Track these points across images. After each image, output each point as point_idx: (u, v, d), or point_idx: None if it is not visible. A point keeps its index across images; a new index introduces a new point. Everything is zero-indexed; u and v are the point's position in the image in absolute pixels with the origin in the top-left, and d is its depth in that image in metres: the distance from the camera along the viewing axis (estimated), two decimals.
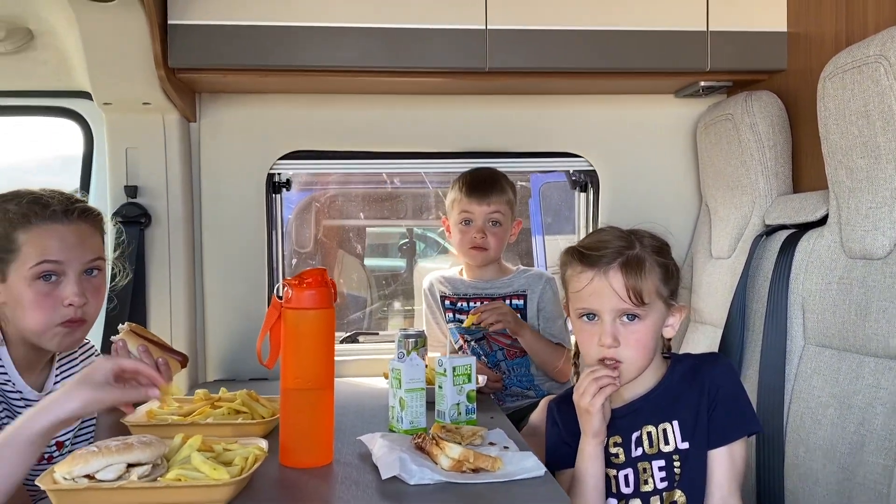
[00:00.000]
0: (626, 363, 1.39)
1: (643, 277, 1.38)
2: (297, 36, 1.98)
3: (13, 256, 1.47)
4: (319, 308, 1.34)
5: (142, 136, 2.18)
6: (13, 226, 1.47)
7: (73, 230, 1.51)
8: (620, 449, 1.44)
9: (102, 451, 1.13)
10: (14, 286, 1.47)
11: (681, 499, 1.39)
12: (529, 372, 2.24)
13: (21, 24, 2.00)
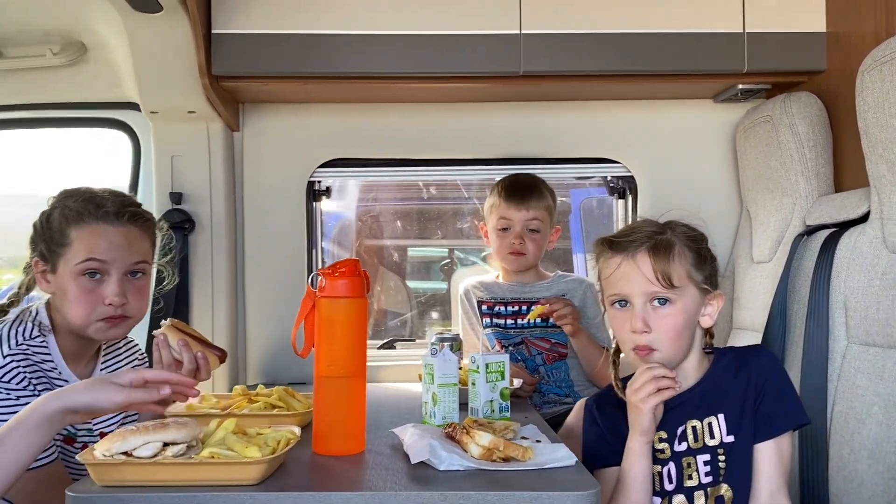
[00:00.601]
0: (660, 350, 1.37)
1: (671, 260, 1.37)
2: (336, 43, 2.03)
3: (64, 250, 1.54)
4: (352, 297, 1.36)
5: (187, 144, 2.25)
6: (68, 222, 1.55)
7: (121, 232, 1.57)
8: (666, 444, 1.42)
9: (140, 429, 1.16)
10: (62, 278, 1.54)
11: (727, 493, 1.37)
12: (569, 377, 2.22)
13: (75, 38, 2.10)
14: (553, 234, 2.30)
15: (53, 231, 1.56)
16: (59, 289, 1.55)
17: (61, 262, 1.55)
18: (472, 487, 1.16)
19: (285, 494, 1.12)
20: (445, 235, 3.87)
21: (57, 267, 1.55)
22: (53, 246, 1.55)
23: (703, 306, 1.42)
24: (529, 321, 2.20)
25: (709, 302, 1.43)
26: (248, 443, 1.18)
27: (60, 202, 1.59)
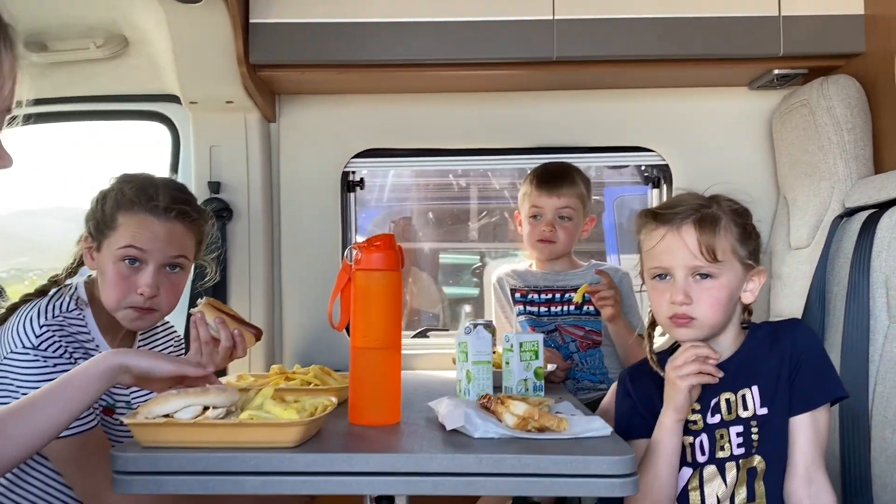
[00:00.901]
0: (699, 320, 1.37)
1: (717, 234, 1.37)
2: (370, 31, 2.06)
3: (110, 233, 1.59)
4: (388, 270, 1.38)
5: (225, 134, 2.30)
6: (119, 206, 1.59)
7: (166, 227, 1.60)
8: (699, 416, 1.41)
9: (181, 393, 1.19)
10: (103, 258, 1.59)
11: (760, 465, 1.36)
12: (602, 364, 2.21)
13: (117, 32, 2.16)
14: (587, 222, 2.29)
15: (105, 213, 1.60)
16: (100, 268, 1.60)
17: (105, 243, 1.59)
18: (507, 453, 1.16)
19: (322, 455, 1.13)
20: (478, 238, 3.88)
21: (101, 247, 1.59)
22: (102, 226, 1.60)
23: (746, 282, 1.41)
24: (574, 305, 2.19)
25: (751, 278, 1.42)
26: (286, 407, 1.20)
27: (119, 185, 1.63)
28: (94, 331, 1.60)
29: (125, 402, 1.65)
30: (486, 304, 2.68)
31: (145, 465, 1.12)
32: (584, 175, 2.27)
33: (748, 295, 1.42)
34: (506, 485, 1.14)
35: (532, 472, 1.12)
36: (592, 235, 4.09)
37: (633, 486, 1.13)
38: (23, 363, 1.42)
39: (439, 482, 1.13)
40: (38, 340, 1.45)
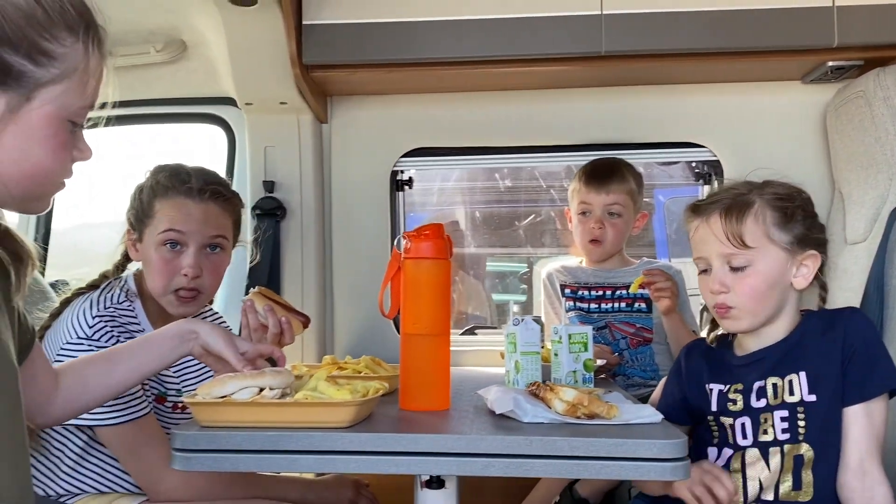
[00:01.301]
0: (737, 309, 1.38)
1: (743, 220, 1.38)
2: (420, 30, 2.09)
3: (150, 221, 1.66)
4: (436, 258, 1.40)
5: (279, 135, 2.36)
6: (155, 194, 1.67)
7: (201, 208, 1.67)
8: (740, 396, 1.40)
9: (237, 376, 1.23)
10: (146, 248, 1.66)
11: (808, 453, 1.34)
12: (653, 361, 2.19)
13: (176, 36, 2.24)
14: (638, 219, 2.28)
15: (143, 203, 1.68)
16: (144, 258, 1.67)
17: (147, 232, 1.66)
18: (557, 436, 1.17)
19: (374, 435, 1.16)
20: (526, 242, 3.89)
21: (143, 237, 1.66)
22: (142, 216, 1.67)
23: (794, 266, 1.40)
24: (626, 302, 2.18)
25: (802, 262, 1.40)
26: (339, 388, 1.23)
27: (153, 176, 1.72)
28: (144, 321, 1.66)
29: (176, 390, 1.71)
30: (535, 307, 2.69)
31: (203, 442, 1.16)
32: (634, 170, 2.26)
33: (800, 280, 1.41)
34: (556, 467, 1.14)
35: (582, 454, 1.13)
36: (643, 239, 4.06)
37: (683, 470, 1.12)
38: (77, 353, 1.48)
39: (489, 463, 1.14)
40: (92, 331, 1.52)
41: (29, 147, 0.96)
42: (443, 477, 1.26)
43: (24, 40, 0.92)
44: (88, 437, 1.57)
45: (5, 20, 0.91)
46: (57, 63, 0.95)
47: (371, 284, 2.38)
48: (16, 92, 0.93)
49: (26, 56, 0.93)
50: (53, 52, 0.95)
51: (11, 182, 0.97)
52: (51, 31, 0.94)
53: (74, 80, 0.98)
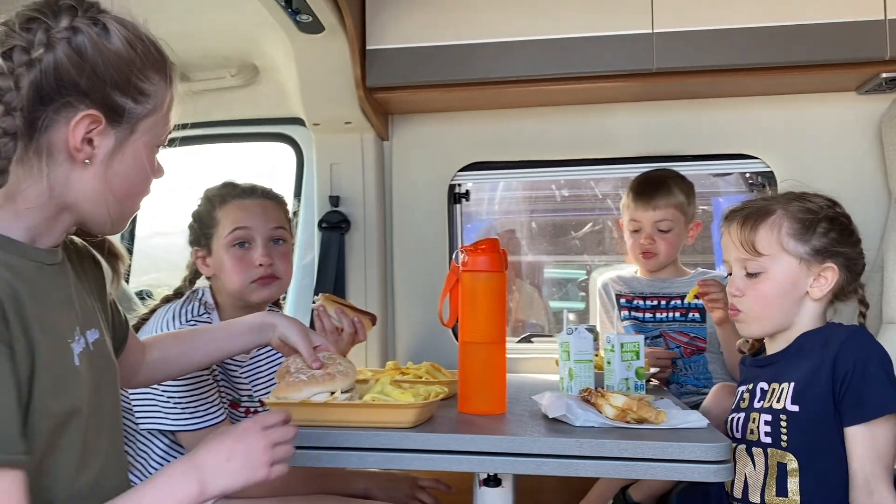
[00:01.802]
0: (745, 313, 1.48)
1: (757, 229, 1.46)
2: (477, 52, 2.20)
3: (214, 230, 1.81)
4: (492, 271, 1.49)
5: (343, 153, 2.50)
6: (213, 205, 1.83)
7: (257, 203, 1.84)
8: (748, 395, 1.50)
9: (310, 381, 1.34)
10: (217, 256, 1.80)
11: (791, 464, 1.39)
12: (707, 370, 2.23)
13: (249, 62, 2.40)
14: (692, 228, 2.31)
15: (203, 218, 1.83)
16: (217, 266, 1.80)
17: (214, 241, 1.81)
18: (607, 439, 1.25)
19: (436, 435, 1.26)
20: (583, 250, 3.93)
21: (212, 248, 1.81)
22: (206, 230, 1.82)
23: (811, 277, 1.46)
24: (680, 312, 2.23)
25: (820, 274, 1.45)
26: (403, 391, 1.34)
27: (205, 195, 1.88)
28: None
29: (248, 396, 1.85)
30: (592, 315, 2.75)
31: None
32: (684, 182, 2.28)
33: (815, 291, 1.46)
34: (604, 467, 1.22)
35: (630, 455, 1.21)
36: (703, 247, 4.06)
37: (726, 472, 1.19)
38: None
39: (542, 463, 1.23)
40: None
41: (133, 172, 1.10)
42: (500, 476, 1.35)
43: (128, 83, 1.05)
44: (170, 441, 1.72)
45: (112, 67, 1.04)
46: (150, 99, 1.09)
47: (430, 293, 2.49)
48: (123, 127, 1.07)
49: (129, 96, 1.06)
50: (147, 90, 1.08)
51: (114, 204, 1.10)
52: (144, 73, 1.07)
53: (162, 112, 1.12)
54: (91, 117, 1.02)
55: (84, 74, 1.01)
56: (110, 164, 1.06)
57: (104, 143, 1.05)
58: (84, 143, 1.03)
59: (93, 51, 1.02)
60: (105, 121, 1.04)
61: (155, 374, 1.43)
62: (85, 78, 1.01)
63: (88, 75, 1.01)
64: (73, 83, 1.01)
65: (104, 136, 1.04)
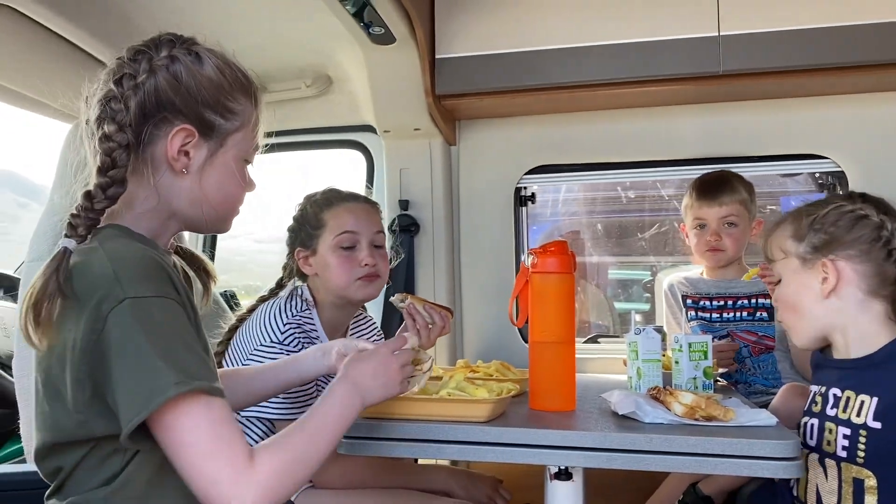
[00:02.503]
0: (783, 322, 1.53)
1: (769, 237, 1.52)
2: (543, 58, 2.25)
3: (321, 232, 1.90)
4: (561, 272, 1.55)
5: (413, 158, 2.58)
6: (321, 208, 1.92)
7: (361, 207, 1.94)
8: (821, 399, 1.48)
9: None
10: (322, 256, 1.89)
11: (869, 480, 1.36)
12: (776, 369, 2.23)
13: (323, 72, 2.50)
14: (754, 226, 2.32)
15: (309, 220, 1.92)
16: (321, 265, 1.89)
17: (320, 242, 1.90)
18: (676, 435, 1.28)
19: (510, 429, 1.32)
20: (649, 251, 3.92)
21: (317, 249, 1.90)
22: (311, 231, 1.91)
23: (819, 275, 1.46)
24: (747, 311, 2.25)
25: (823, 270, 1.45)
26: (478, 387, 1.40)
27: (308, 200, 1.98)
28: (320, 328, 1.90)
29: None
30: (658, 316, 2.76)
31: (365, 431, 1.36)
32: (744, 181, 2.30)
33: (825, 287, 1.45)
34: (674, 462, 1.26)
35: (699, 451, 1.24)
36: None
37: (795, 469, 1.21)
38: (269, 355, 1.73)
39: (612, 457, 1.28)
40: (283, 336, 1.77)
41: (225, 181, 1.22)
42: (570, 469, 1.40)
43: (218, 103, 1.19)
44: (267, 428, 1.82)
45: (204, 89, 1.18)
46: (238, 117, 1.21)
47: (497, 294, 2.55)
48: (214, 140, 1.19)
49: (219, 114, 1.19)
50: (235, 109, 1.21)
51: (209, 209, 1.22)
52: (232, 94, 1.20)
53: (248, 128, 1.24)
54: (186, 131, 1.16)
55: (179, 94, 1.15)
56: (204, 173, 1.20)
57: (198, 155, 1.18)
58: (181, 154, 1.17)
59: (187, 75, 1.17)
60: (198, 134, 1.17)
61: None
62: (180, 98, 1.16)
63: (183, 95, 1.16)
64: (170, 102, 1.15)
65: (198, 148, 1.18)
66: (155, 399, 0.97)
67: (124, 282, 1.01)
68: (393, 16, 2.00)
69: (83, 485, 1.07)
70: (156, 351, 0.99)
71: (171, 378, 0.98)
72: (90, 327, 1.00)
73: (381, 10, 1.94)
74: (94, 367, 1.00)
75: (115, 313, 0.99)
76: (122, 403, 0.98)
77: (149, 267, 1.05)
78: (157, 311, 1.02)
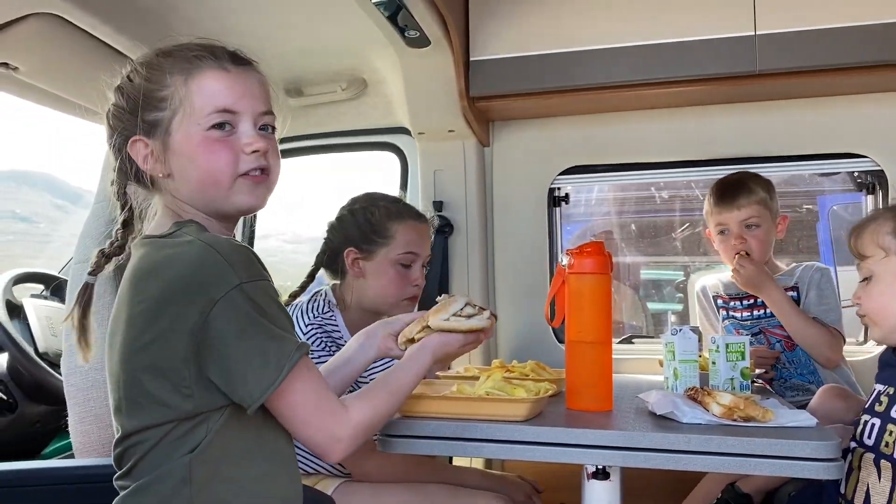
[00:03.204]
0: (867, 317, 1.53)
1: (861, 234, 1.54)
2: (576, 59, 2.26)
3: (387, 241, 1.92)
4: (598, 273, 1.55)
5: (446, 160, 2.61)
6: (391, 218, 1.93)
7: (424, 229, 1.97)
8: (887, 399, 1.45)
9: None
10: (379, 265, 1.91)
11: None
12: (810, 363, 2.21)
13: (358, 76, 2.54)
14: (779, 223, 2.29)
15: (375, 225, 1.93)
16: (374, 273, 1.91)
17: (381, 251, 1.91)
18: (714, 435, 1.28)
19: (547, 428, 1.33)
20: (681, 251, 3.90)
21: (375, 255, 1.91)
22: (374, 237, 1.92)
23: None
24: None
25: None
26: (516, 387, 1.42)
27: (374, 203, 1.97)
28: (344, 330, 1.92)
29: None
30: (690, 317, 2.75)
31: (404, 429, 1.38)
32: (762, 179, 2.27)
33: None
34: (712, 462, 1.26)
35: (738, 451, 1.24)
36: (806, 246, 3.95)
37: (836, 470, 1.21)
38: None
39: (650, 457, 1.28)
40: (305, 337, 1.80)
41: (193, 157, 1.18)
42: (608, 469, 1.41)
43: (152, 100, 1.19)
44: None
45: (140, 94, 1.19)
46: (169, 101, 1.18)
47: (531, 294, 2.57)
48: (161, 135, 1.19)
49: (155, 109, 1.19)
50: (164, 95, 1.19)
51: (199, 192, 1.20)
52: (158, 83, 1.19)
53: (187, 102, 1.18)
54: (140, 142, 1.20)
55: (128, 110, 1.21)
56: (172, 163, 1.19)
57: (158, 153, 1.20)
58: (147, 160, 1.20)
59: (130, 86, 1.21)
60: (147, 137, 1.20)
61: None
62: (128, 114, 1.21)
63: (131, 109, 1.20)
64: (126, 120, 1.21)
65: (156, 149, 1.20)
66: (285, 364, 1.09)
67: (237, 268, 1.08)
68: (427, 19, 2.03)
69: (162, 461, 1.11)
70: (274, 323, 1.10)
71: (292, 345, 1.10)
72: (199, 310, 1.06)
73: (416, 14, 1.97)
74: (202, 346, 1.07)
75: (232, 296, 1.06)
76: (250, 375, 1.07)
77: (248, 254, 1.13)
78: (264, 292, 1.11)
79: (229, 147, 1.19)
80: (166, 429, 1.11)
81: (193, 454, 1.10)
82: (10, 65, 1.88)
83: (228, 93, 1.19)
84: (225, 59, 1.21)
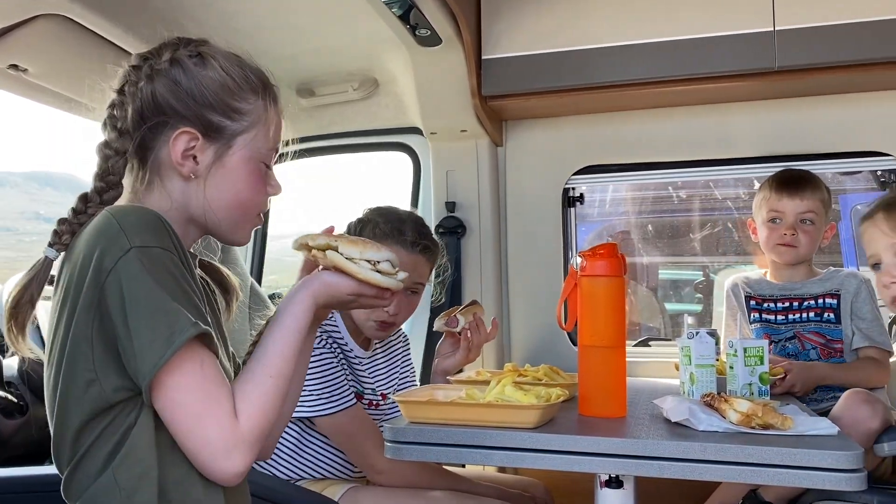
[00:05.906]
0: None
1: None
2: (590, 57, 2.22)
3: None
4: (611, 276, 1.51)
5: (459, 160, 2.57)
6: (375, 238, 1.86)
7: (412, 259, 1.87)
8: None
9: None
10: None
11: None
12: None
13: (370, 76, 2.51)
14: (828, 230, 2.24)
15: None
16: None
17: None
18: (732, 444, 1.24)
19: (558, 436, 1.29)
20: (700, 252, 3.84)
21: None
22: None
23: None
24: (813, 312, 2.20)
25: None
26: (525, 393, 1.38)
27: (373, 218, 1.92)
28: (344, 332, 1.91)
29: (371, 389, 1.95)
30: (714, 318, 2.69)
31: (412, 435, 1.35)
32: (824, 182, 2.23)
33: None
34: (729, 472, 1.22)
35: (756, 461, 1.20)
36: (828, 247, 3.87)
37: (859, 481, 1.16)
38: None
39: (665, 466, 1.25)
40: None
41: (234, 184, 1.19)
42: (621, 477, 1.37)
43: (222, 103, 1.17)
44: (300, 429, 1.84)
45: (207, 90, 1.16)
46: (246, 117, 1.19)
47: (545, 296, 2.53)
48: (220, 143, 1.17)
49: (225, 115, 1.17)
50: (242, 109, 1.18)
51: (221, 212, 1.19)
52: (239, 94, 1.18)
53: (261, 128, 1.20)
54: (188, 134, 1.14)
55: (179, 98, 1.15)
56: (213, 176, 1.17)
57: (205, 158, 1.16)
58: (186, 158, 1.15)
59: (188, 78, 1.16)
60: (202, 137, 1.15)
61: None
62: (180, 101, 1.15)
63: (183, 98, 1.15)
64: (169, 106, 1.14)
65: (203, 151, 1.16)
66: (176, 339, 0.97)
67: (130, 233, 1.00)
68: (439, 17, 2.00)
69: (92, 466, 1.03)
70: (170, 295, 0.99)
71: (186, 321, 0.98)
72: (93, 281, 0.99)
73: (427, 12, 1.94)
74: (103, 321, 1.00)
75: (123, 262, 0.98)
76: (140, 350, 0.97)
77: (150, 221, 1.04)
78: (163, 261, 1.01)
79: (265, 186, 1.22)
80: (86, 431, 1.02)
81: (115, 462, 1.01)
82: (20, 66, 1.87)
83: (279, 136, 1.24)
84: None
